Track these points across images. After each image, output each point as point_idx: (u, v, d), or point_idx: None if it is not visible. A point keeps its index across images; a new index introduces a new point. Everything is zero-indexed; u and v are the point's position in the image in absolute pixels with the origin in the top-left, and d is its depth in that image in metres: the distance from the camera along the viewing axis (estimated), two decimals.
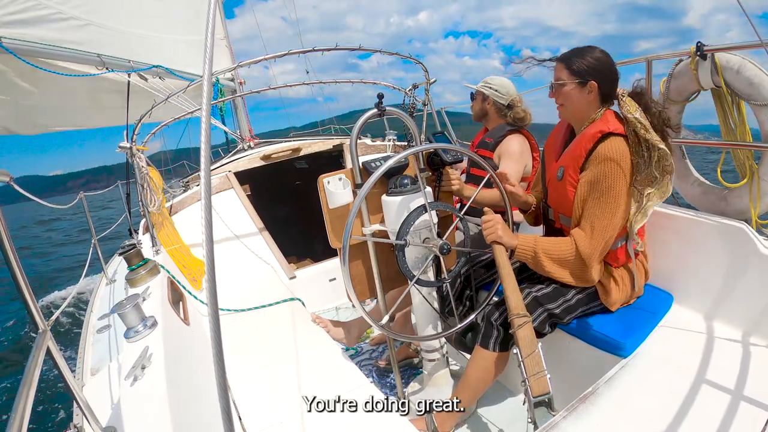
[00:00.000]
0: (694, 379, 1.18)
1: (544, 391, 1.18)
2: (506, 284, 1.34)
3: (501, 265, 1.38)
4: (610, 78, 1.32)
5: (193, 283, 2.12)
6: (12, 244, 0.76)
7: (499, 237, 1.39)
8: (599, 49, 1.32)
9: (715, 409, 1.07)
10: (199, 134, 0.55)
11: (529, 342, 1.24)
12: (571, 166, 1.37)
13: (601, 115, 1.34)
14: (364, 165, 1.49)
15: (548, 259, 1.37)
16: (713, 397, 1.11)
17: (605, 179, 1.28)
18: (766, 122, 1.75)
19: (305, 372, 1.51)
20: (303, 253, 3.40)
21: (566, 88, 1.34)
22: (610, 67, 1.32)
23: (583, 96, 1.33)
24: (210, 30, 0.55)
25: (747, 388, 1.12)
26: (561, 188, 1.42)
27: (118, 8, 3.73)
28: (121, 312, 1.31)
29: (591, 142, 1.31)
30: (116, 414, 1.01)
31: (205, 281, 0.54)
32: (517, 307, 1.30)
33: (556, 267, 1.37)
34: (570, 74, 1.33)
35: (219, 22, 5.36)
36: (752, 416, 1.03)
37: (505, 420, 1.58)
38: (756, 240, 1.38)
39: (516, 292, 1.33)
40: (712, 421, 1.04)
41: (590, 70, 1.30)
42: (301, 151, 3.20)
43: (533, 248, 1.38)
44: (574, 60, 1.32)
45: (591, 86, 1.31)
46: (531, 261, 1.41)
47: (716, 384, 1.15)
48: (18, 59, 2.73)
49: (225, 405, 0.52)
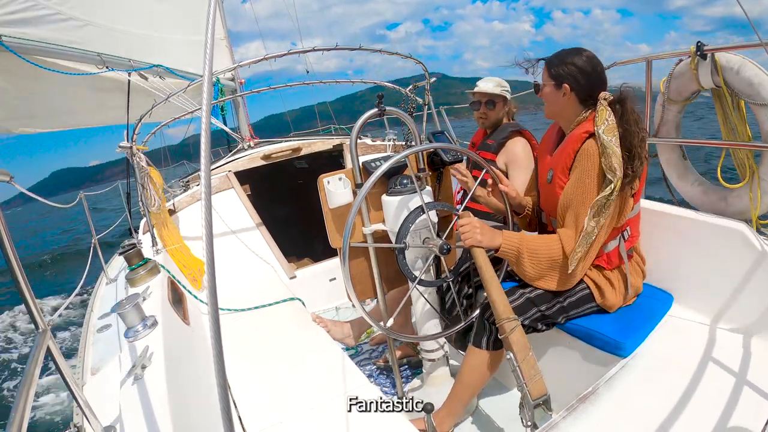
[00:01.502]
0: (694, 379, 1.18)
1: (541, 393, 1.19)
2: (491, 289, 1.30)
3: (483, 270, 1.34)
4: (586, 84, 1.33)
5: (193, 283, 2.12)
6: (12, 244, 0.76)
7: (478, 241, 1.34)
8: (585, 54, 1.34)
9: (715, 409, 1.07)
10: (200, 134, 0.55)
11: (522, 346, 1.22)
12: (559, 167, 1.37)
13: (588, 115, 1.35)
14: (364, 165, 1.49)
15: (532, 261, 1.33)
16: (713, 397, 1.11)
17: (588, 176, 1.28)
18: (766, 122, 1.75)
19: (305, 372, 1.51)
20: (303, 253, 3.40)
21: (545, 89, 1.41)
22: (587, 73, 1.33)
23: (559, 98, 1.38)
24: (210, 30, 0.55)
25: (747, 387, 1.12)
26: (551, 191, 1.42)
27: (118, 8, 3.73)
28: (121, 312, 1.31)
29: (578, 142, 1.32)
30: (116, 414, 1.01)
31: (205, 281, 0.54)
32: (505, 311, 1.27)
33: (540, 269, 1.34)
34: (548, 76, 1.39)
35: (219, 21, 5.36)
36: (752, 416, 1.03)
37: (505, 419, 1.58)
38: (756, 240, 1.38)
39: (502, 296, 1.30)
40: (712, 421, 1.04)
41: (566, 75, 1.34)
42: (301, 151, 3.20)
43: (518, 248, 1.34)
44: (554, 63, 1.37)
45: (565, 89, 1.35)
46: (513, 261, 1.37)
47: (716, 384, 1.15)
48: (18, 57, 2.73)
49: (225, 405, 0.52)
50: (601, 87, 1.34)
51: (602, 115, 1.27)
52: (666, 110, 2.12)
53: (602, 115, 1.27)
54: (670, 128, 2.15)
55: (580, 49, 1.37)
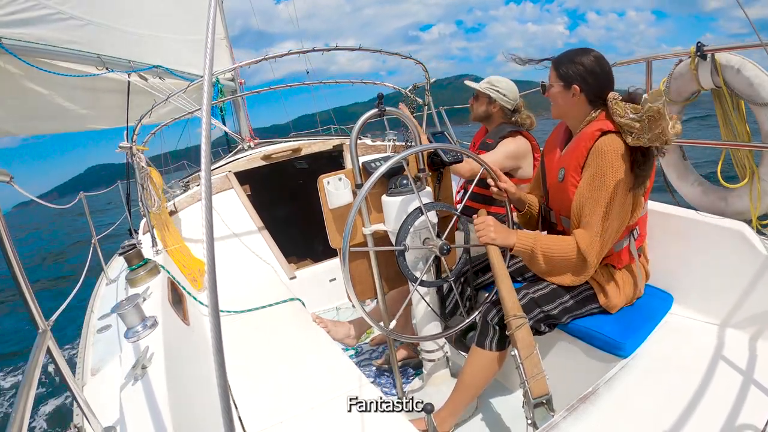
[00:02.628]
0: (694, 379, 1.18)
1: (543, 393, 1.19)
2: (502, 286, 1.34)
3: (496, 267, 1.37)
4: (595, 84, 1.33)
5: (193, 284, 2.12)
6: (12, 244, 0.76)
7: (492, 239, 1.38)
8: (592, 55, 1.34)
9: (715, 409, 1.07)
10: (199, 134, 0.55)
11: (528, 344, 1.24)
12: (572, 166, 1.37)
13: (598, 115, 1.35)
14: (364, 165, 1.49)
15: (546, 259, 1.36)
16: (713, 397, 1.11)
17: (603, 174, 1.27)
18: (766, 122, 1.75)
19: (305, 372, 1.51)
20: (303, 253, 3.40)
21: (553, 89, 1.41)
22: (596, 74, 1.33)
23: (568, 98, 1.38)
24: (210, 30, 0.55)
25: (747, 387, 1.12)
26: (562, 190, 1.42)
27: (119, 8, 3.73)
28: (121, 312, 1.31)
29: (591, 140, 1.31)
30: (116, 414, 1.02)
31: (206, 281, 0.54)
32: (513, 308, 1.29)
33: (553, 266, 1.36)
34: (557, 77, 1.39)
35: (219, 21, 5.36)
36: (752, 416, 1.03)
37: (505, 420, 1.58)
38: (756, 240, 1.38)
39: (512, 293, 1.32)
40: (712, 421, 1.04)
41: (575, 75, 1.34)
42: (302, 151, 3.20)
43: (532, 247, 1.37)
44: (562, 64, 1.37)
45: (574, 90, 1.35)
46: (527, 259, 1.41)
47: (716, 384, 1.15)
48: (18, 60, 2.73)
49: (225, 405, 0.52)
50: (609, 87, 1.34)
51: (619, 107, 1.26)
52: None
53: (619, 107, 1.26)
54: None
55: (587, 49, 1.37)
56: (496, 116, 2.12)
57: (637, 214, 1.36)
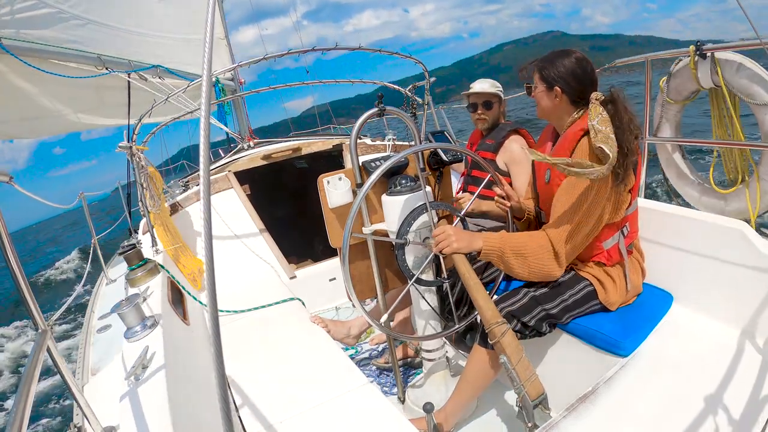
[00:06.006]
0: (694, 378, 1.18)
1: (539, 393, 1.19)
2: (477, 295, 1.30)
3: (466, 276, 1.32)
4: (577, 85, 1.35)
5: (193, 283, 2.12)
6: (12, 244, 0.76)
7: (456, 249, 1.32)
8: (574, 56, 1.36)
9: (714, 409, 1.07)
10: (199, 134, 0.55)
11: (515, 349, 1.23)
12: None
13: (581, 115, 1.36)
14: (364, 165, 1.50)
15: (517, 255, 1.32)
16: (713, 396, 1.11)
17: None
18: (766, 122, 1.75)
19: (305, 372, 1.51)
20: (303, 253, 3.40)
21: (536, 91, 1.43)
22: (577, 75, 1.34)
23: (551, 99, 1.40)
24: (209, 30, 0.55)
25: (747, 387, 1.12)
26: (549, 191, 1.42)
27: (119, 8, 3.73)
28: (121, 312, 1.31)
29: (574, 141, 1.33)
30: (116, 414, 1.02)
31: (205, 281, 0.54)
32: (493, 316, 1.26)
33: (526, 262, 1.32)
34: (539, 79, 1.41)
35: (219, 21, 5.36)
36: (752, 416, 1.03)
37: (505, 419, 1.58)
38: (756, 240, 1.38)
39: (488, 301, 1.30)
40: (712, 421, 1.04)
41: (556, 77, 1.36)
42: (301, 151, 3.20)
43: (500, 246, 1.33)
44: (544, 66, 1.39)
45: (556, 91, 1.37)
46: (498, 261, 1.35)
47: (716, 383, 1.15)
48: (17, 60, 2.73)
49: (225, 405, 0.52)
50: (591, 88, 1.35)
51: (595, 110, 1.27)
52: (665, 110, 2.12)
53: (595, 110, 1.27)
54: (670, 128, 2.15)
55: (569, 50, 1.39)
56: (502, 115, 2.17)
57: (623, 212, 1.36)
